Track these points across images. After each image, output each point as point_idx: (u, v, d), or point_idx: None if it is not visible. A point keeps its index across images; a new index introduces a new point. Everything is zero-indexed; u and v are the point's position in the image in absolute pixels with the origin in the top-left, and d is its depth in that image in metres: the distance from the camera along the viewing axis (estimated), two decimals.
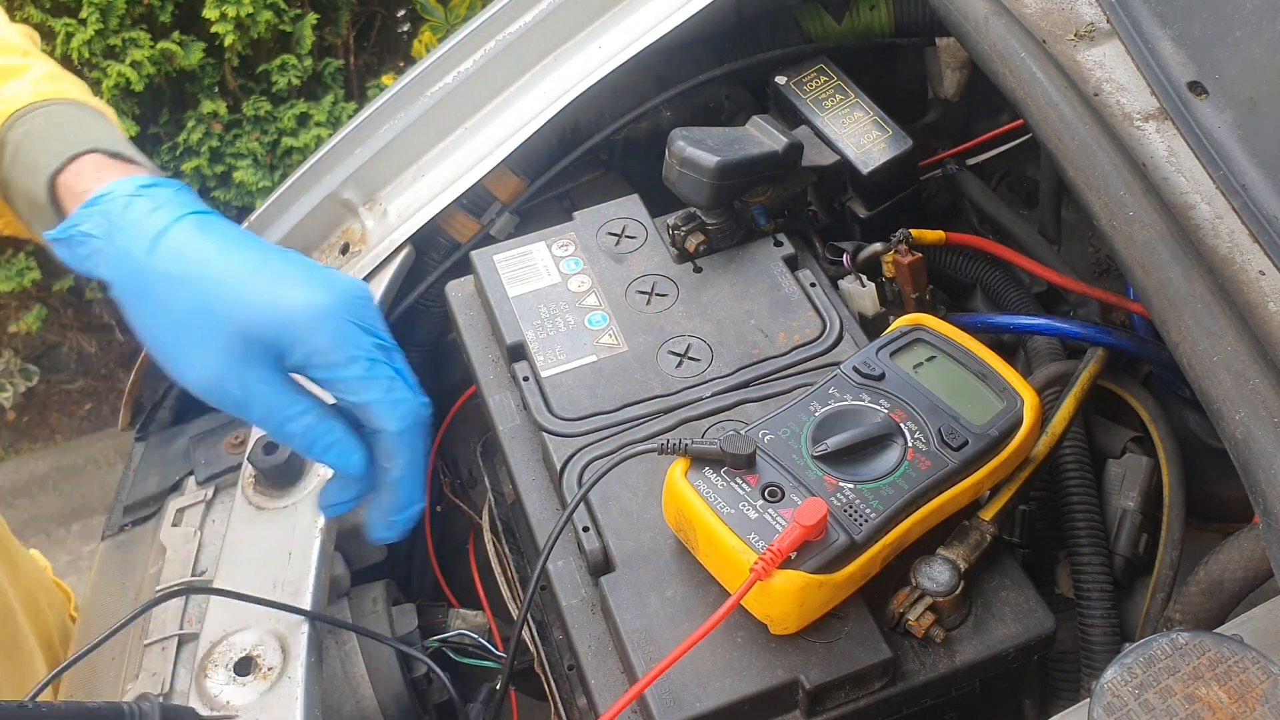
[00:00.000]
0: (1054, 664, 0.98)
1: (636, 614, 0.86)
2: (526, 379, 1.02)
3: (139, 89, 2.60)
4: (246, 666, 0.94)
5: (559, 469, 0.95)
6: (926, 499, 0.85)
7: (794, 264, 1.09)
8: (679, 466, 0.85)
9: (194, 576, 1.05)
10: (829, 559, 0.80)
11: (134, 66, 2.58)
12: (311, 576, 1.01)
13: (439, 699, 1.08)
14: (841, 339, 1.02)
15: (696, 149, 1.04)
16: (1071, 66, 0.98)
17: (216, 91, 2.75)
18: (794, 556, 0.79)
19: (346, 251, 1.27)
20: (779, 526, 0.81)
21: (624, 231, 1.12)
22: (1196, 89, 0.93)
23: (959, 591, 0.84)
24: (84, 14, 2.56)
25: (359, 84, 3.00)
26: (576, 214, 1.15)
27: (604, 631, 0.89)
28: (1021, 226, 1.27)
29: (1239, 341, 0.80)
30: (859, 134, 1.20)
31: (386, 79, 2.86)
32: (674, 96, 1.30)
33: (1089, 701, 0.69)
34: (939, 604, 0.84)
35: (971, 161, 1.39)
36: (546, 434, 0.97)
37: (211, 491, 1.13)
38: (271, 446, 1.09)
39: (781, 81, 1.26)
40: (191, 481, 1.16)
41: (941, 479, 0.85)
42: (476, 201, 1.26)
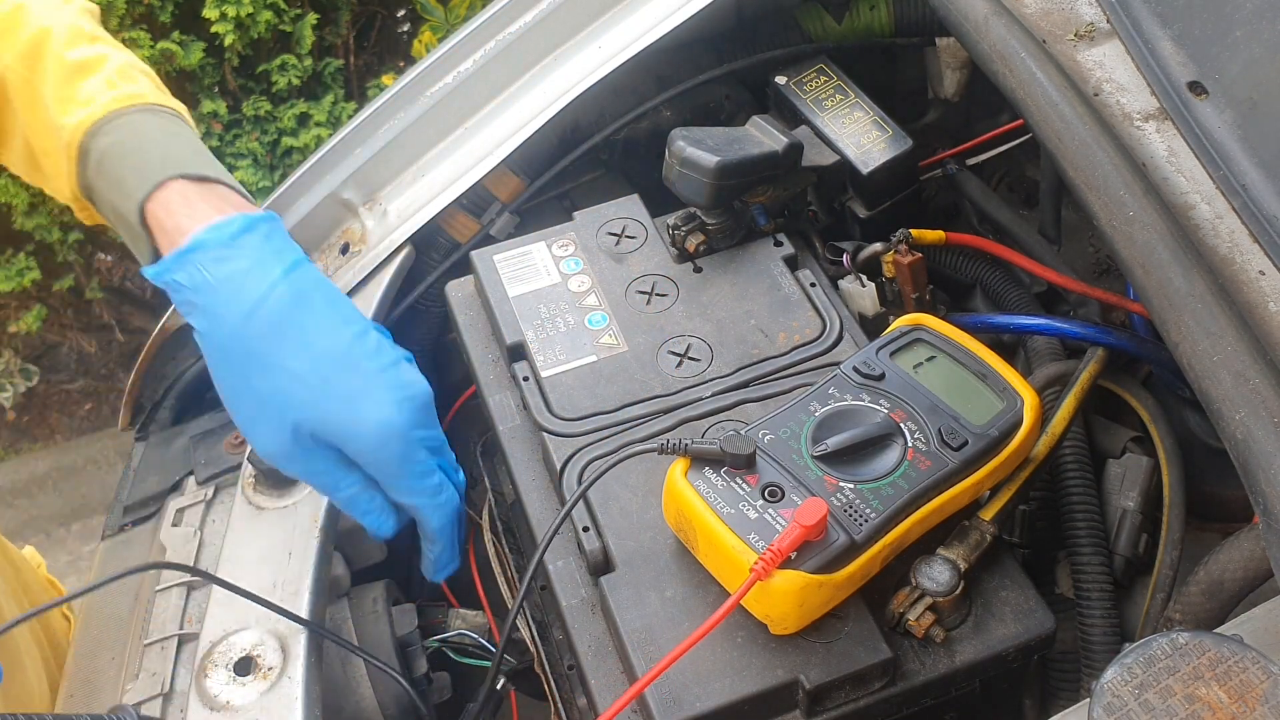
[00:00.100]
0: (1054, 664, 0.98)
1: (636, 614, 0.86)
2: (526, 379, 1.02)
3: None
4: (246, 666, 0.94)
5: (559, 469, 0.95)
6: (926, 499, 0.85)
7: (794, 264, 1.09)
8: (679, 466, 0.85)
9: (194, 577, 1.05)
10: (829, 559, 0.80)
11: None
12: (311, 576, 1.01)
13: (439, 699, 1.08)
14: (841, 339, 1.02)
15: (696, 149, 1.04)
16: (1071, 66, 0.98)
17: (216, 91, 2.75)
18: (794, 556, 0.79)
19: (346, 251, 1.27)
20: (779, 526, 0.81)
21: (624, 231, 1.12)
22: (1196, 89, 0.93)
23: (959, 591, 0.84)
24: None
25: (359, 84, 2.99)
26: (576, 214, 1.15)
27: (604, 631, 0.89)
28: (1021, 226, 1.27)
29: (1239, 341, 0.80)
30: (859, 134, 1.20)
31: (386, 79, 2.85)
32: (674, 96, 1.30)
33: (1089, 701, 0.69)
34: (939, 604, 0.84)
35: (971, 161, 1.39)
36: (546, 434, 0.97)
37: (211, 491, 1.13)
38: None
39: (781, 81, 1.26)
40: (191, 481, 1.16)
41: (941, 479, 0.85)
42: (476, 201, 1.26)
